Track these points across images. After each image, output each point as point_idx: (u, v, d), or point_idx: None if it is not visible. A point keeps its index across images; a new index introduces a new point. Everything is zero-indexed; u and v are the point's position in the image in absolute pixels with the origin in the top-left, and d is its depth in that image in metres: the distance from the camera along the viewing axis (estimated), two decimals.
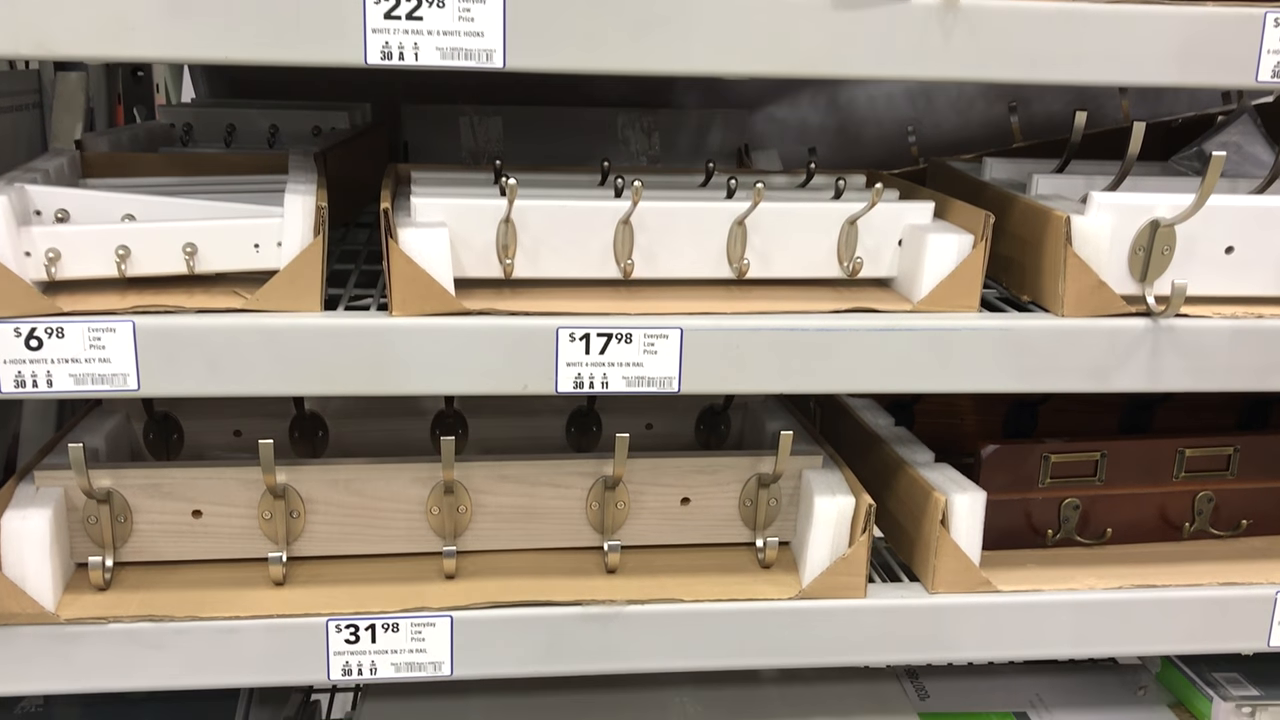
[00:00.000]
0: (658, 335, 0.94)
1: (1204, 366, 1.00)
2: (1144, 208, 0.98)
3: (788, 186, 1.20)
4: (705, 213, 1.00)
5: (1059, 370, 0.99)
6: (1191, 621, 1.06)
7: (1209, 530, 1.16)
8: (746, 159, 1.68)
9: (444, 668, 0.99)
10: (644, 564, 1.08)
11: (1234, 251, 1.01)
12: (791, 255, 1.03)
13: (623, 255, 0.99)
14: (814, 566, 1.02)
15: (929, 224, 1.03)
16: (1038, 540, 1.13)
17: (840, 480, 1.06)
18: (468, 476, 1.05)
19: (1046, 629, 1.05)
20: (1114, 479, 1.13)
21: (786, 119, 1.84)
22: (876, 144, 1.84)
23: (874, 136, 1.85)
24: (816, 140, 1.84)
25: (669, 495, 1.09)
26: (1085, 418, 1.35)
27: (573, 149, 1.68)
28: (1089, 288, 0.98)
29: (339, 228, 1.28)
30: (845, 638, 1.02)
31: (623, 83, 1.75)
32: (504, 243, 0.98)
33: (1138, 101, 1.83)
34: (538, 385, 0.94)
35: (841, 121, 1.85)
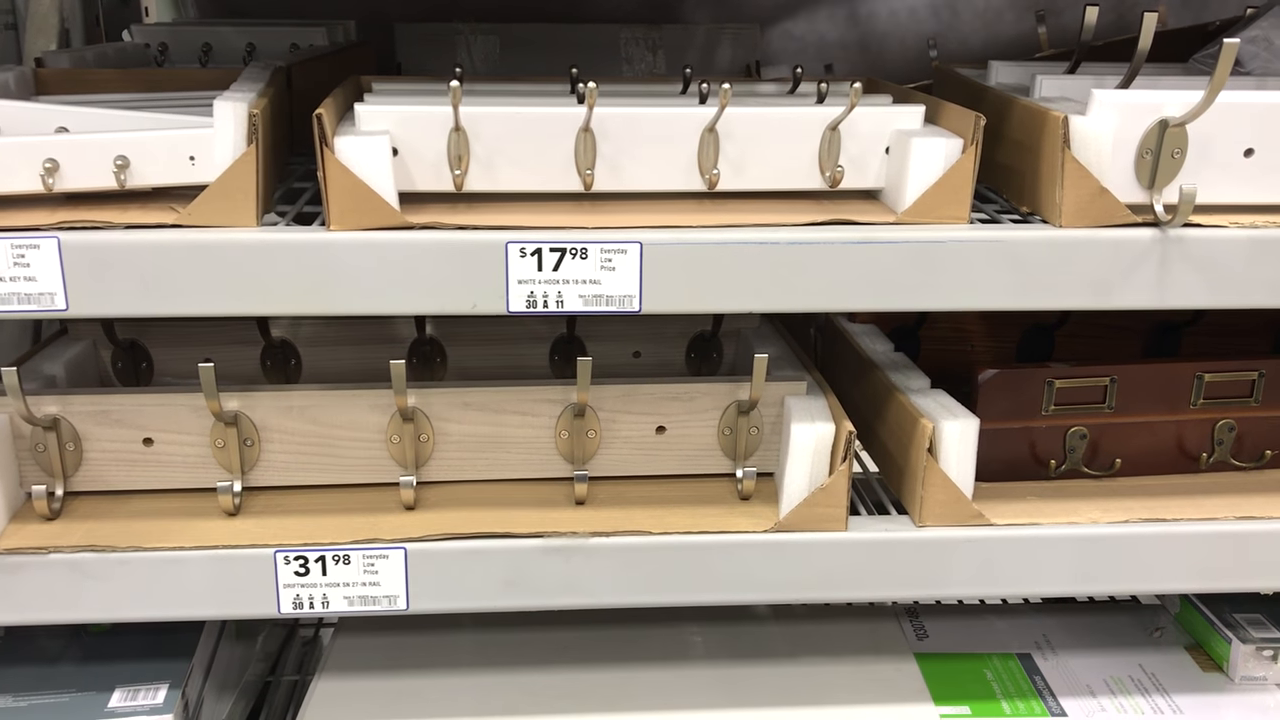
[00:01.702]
0: (615, 250, 0.88)
1: (1218, 281, 0.91)
2: (1151, 106, 0.89)
3: (775, 94, 1.12)
4: (673, 119, 0.93)
5: (1057, 286, 0.91)
6: (1204, 558, 0.99)
7: (1229, 461, 1.07)
8: (756, 76, 1.59)
9: (399, 602, 0.95)
10: (616, 495, 1.02)
11: (1254, 155, 0.91)
12: (768, 165, 0.95)
13: (584, 166, 0.93)
14: (791, 498, 0.96)
15: (917, 129, 0.95)
16: (1041, 471, 1.06)
17: (823, 407, 0.99)
18: (429, 404, 1.00)
19: (1044, 565, 0.98)
20: (1125, 406, 1.05)
21: (804, 35, 1.75)
22: (899, 60, 1.74)
23: (896, 52, 1.75)
24: (836, 57, 1.75)
25: (643, 424, 1.03)
26: (1106, 343, 1.26)
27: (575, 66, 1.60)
28: (1089, 195, 0.90)
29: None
30: (824, 573, 0.96)
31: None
32: (456, 153, 0.92)
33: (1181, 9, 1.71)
34: (487, 304, 0.88)
35: (862, 36, 1.76)
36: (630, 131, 0.93)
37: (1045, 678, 1.10)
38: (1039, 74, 1.03)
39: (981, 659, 1.13)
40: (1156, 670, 1.12)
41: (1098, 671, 1.11)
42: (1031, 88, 1.04)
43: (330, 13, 1.56)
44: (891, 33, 1.75)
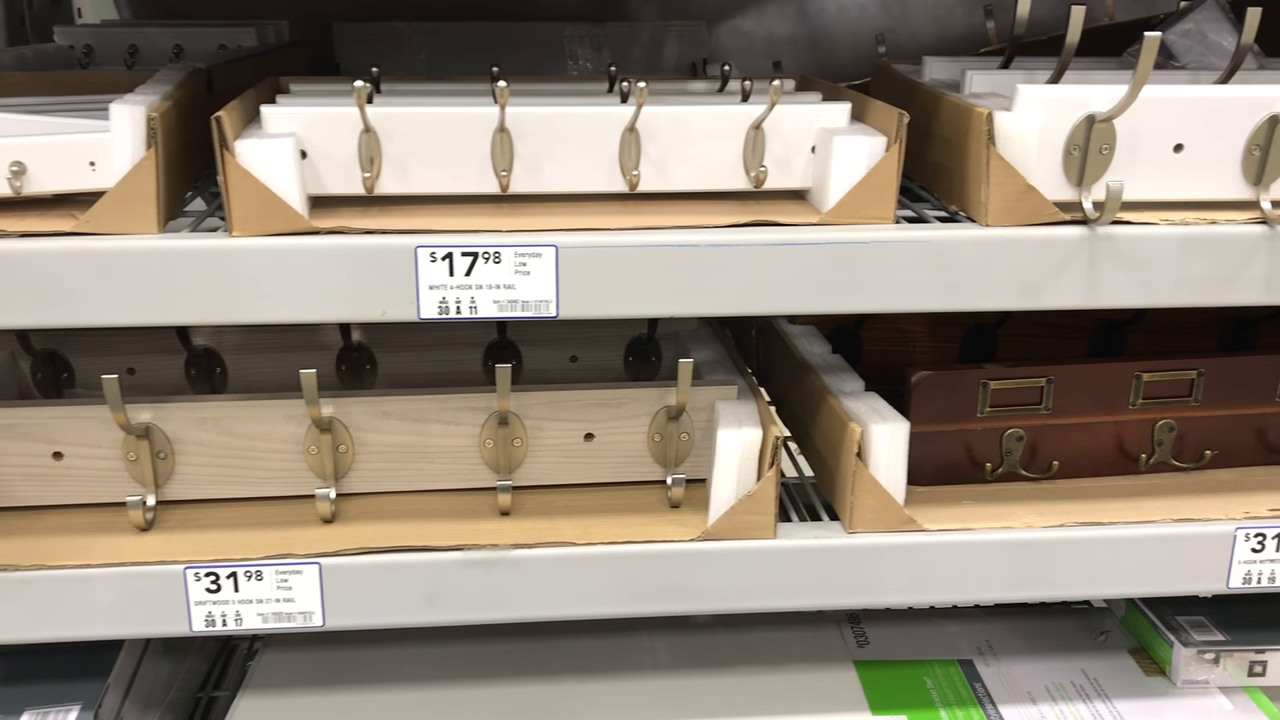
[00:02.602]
0: (530, 254, 0.85)
1: (1148, 279, 0.89)
2: (1078, 101, 0.87)
3: (706, 92, 1.10)
4: (591, 119, 0.90)
5: (984, 286, 0.89)
6: (1141, 562, 0.97)
7: (1170, 462, 1.06)
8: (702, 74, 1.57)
9: (314, 618, 0.92)
10: (543, 505, 1.00)
11: (1184, 150, 0.90)
12: (692, 165, 0.93)
13: (500, 167, 0.90)
14: (719, 505, 0.94)
15: (842, 127, 0.93)
16: (977, 474, 1.04)
17: (752, 412, 0.97)
18: (348, 414, 0.97)
19: (977, 572, 0.96)
20: (1062, 407, 1.03)
21: (753, 31, 1.73)
22: (849, 56, 1.72)
23: (846, 48, 1.73)
24: (785, 53, 1.73)
25: (571, 431, 1.00)
26: (1049, 342, 1.25)
27: (518, 66, 1.58)
28: (1015, 193, 0.88)
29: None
30: (751, 582, 0.94)
31: None
32: (367, 155, 0.89)
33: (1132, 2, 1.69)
34: (398, 311, 0.85)
35: (811, 33, 1.73)
36: (548, 132, 0.90)
37: (986, 684, 1.08)
38: (969, 69, 1.01)
39: (922, 666, 1.11)
40: (1099, 675, 1.10)
41: (1040, 677, 1.09)
42: (961, 83, 1.02)
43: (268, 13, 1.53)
44: (841, 29, 1.73)
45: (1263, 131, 0.89)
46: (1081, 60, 1.14)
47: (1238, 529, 0.97)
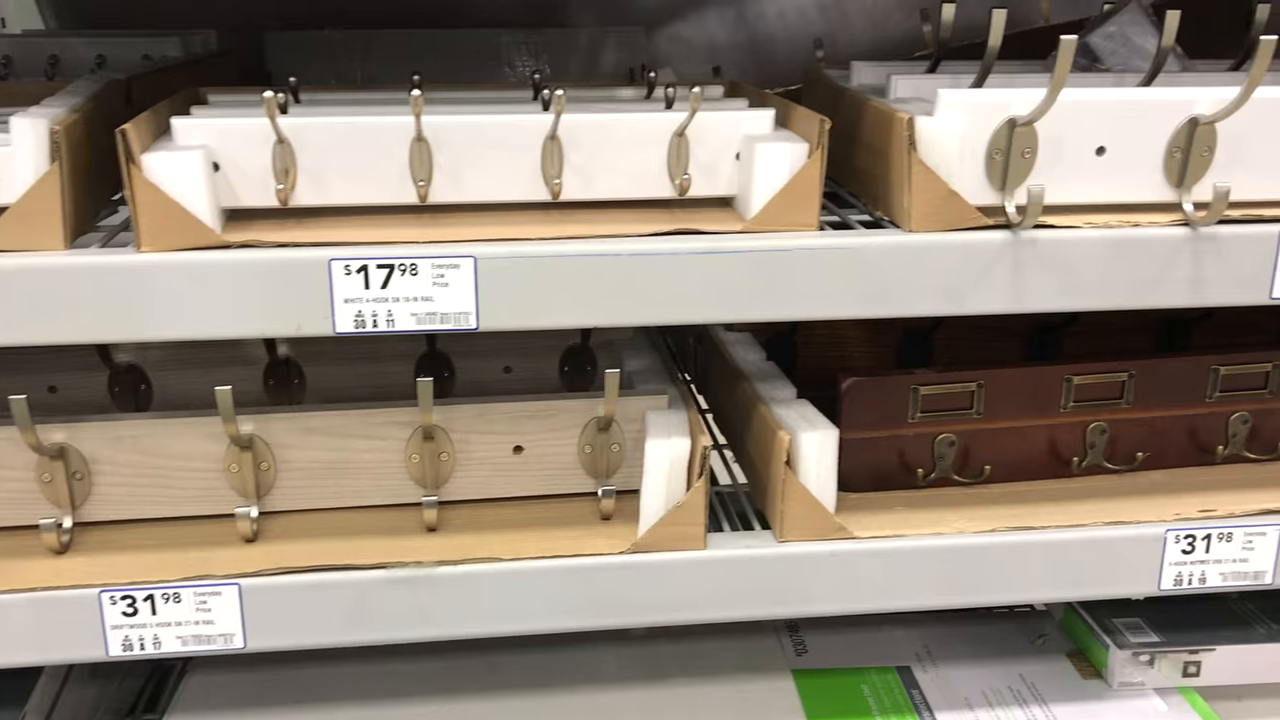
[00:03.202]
0: (448, 265, 0.84)
1: (1072, 283, 0.89)
2: (999, 105, 0.87)
3: (632, 99, 1.09)
4: (512, 127, 0.89)
5: (909, 292, 0.88)
6: (1072, 566, 0.97)
7: (1102, 464, 1.06)
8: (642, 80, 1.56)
9: (235, 640, 0.90)
10: (472, 520, 0.98)
11: (1106, 153, 0.89)
12: (616, 173, 0.92)
13: (419, 177, 0.89)
14: (649, 517, 0.93)
15: (765, 134, 0.92)
16: (910, 480, 1.03)
17: (682, 421, 0.96)
18: (269, 431, 0.95)
19: (908, 579, 0.95)
20: (994, 412, 1.03)
21: (692, 37, 1.72)
22: (789, 61, 1.72)
23: (786, 53, 1.73)
24: (725, 59, 1.72)
25: (499, 444, 0.99)
26: (986, 346, 1.24)
27: (454, 74, 1.56)
28: (938, 198, 0.87)
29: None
30: (681, 593, 0.93)
31: (511, 3, 1.63)
32: (282, 166, 0.87)
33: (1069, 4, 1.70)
34: (313, 325, 0.83)
35: (751, 38, 1.73)
36: (468, 140, 0.89)
37: (923, 691, 1.08)
38: (894, 74, 1.01)
39: (860, 674, 1.10)
40: (1037, 679, 1.10)
41: (977, 683, 1.09)
42: (887, 88, 1.01)
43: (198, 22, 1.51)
44: (781, 34, 1.72)
45: (1183, 133, 0.89)
46: (1013, 63, 1.14)
47: (1168, 531, 0.97)
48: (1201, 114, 0.88)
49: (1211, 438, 1.07)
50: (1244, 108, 0.87)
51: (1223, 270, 0.90)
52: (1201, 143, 0.89)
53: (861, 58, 1.69)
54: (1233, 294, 0.91)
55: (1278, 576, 0.99)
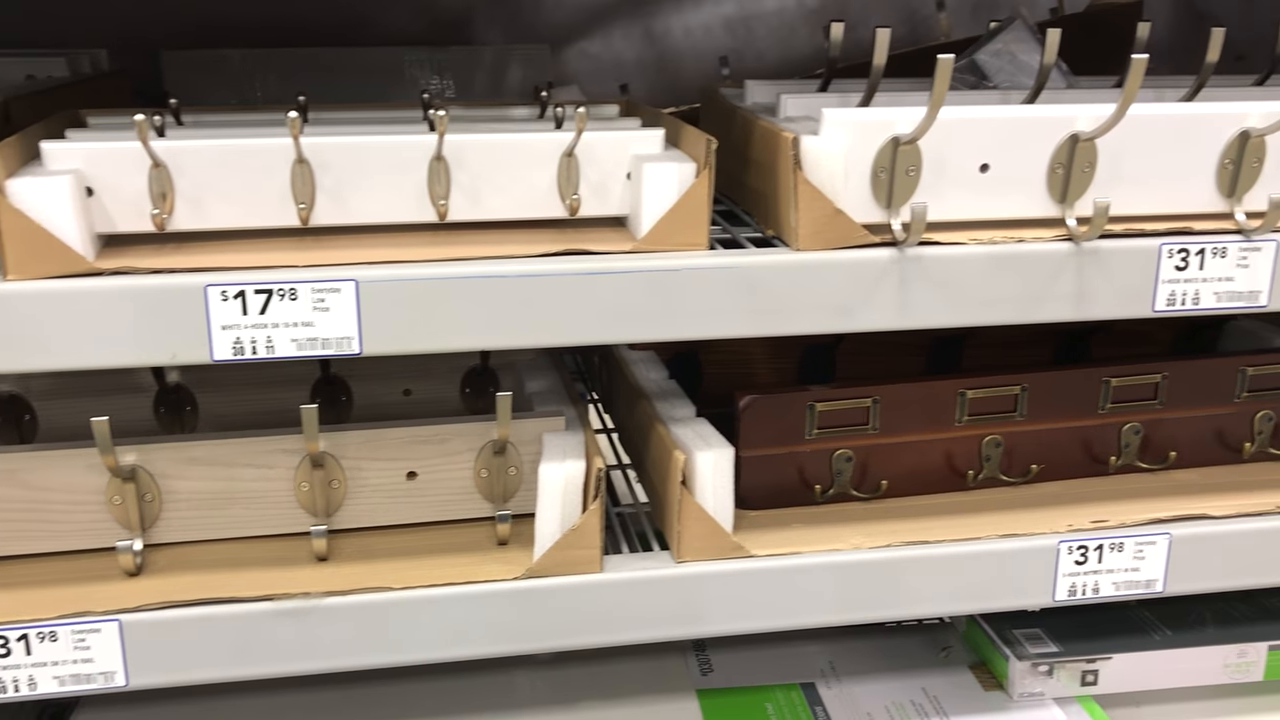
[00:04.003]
0: (328, 290, 0.82)
1: (958, 298, 0.90)
2: (883, 124, 0.87)
3: (525, 119, 1.08)
4: (396, 148, 0.88)
5: (798, 310, 0.88)
6: (968, 579, 0.97)
7: (998, 477, 1.07)
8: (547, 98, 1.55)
9: (117, 678, 0.87)
10: (364, 548, 0.96)
11: (990, 169, 0.90)
12: (504, 194, 0.91)
13: (300, 199, 0.87)
14: (544, 541, 0.92)
15: (655, 153, 0.92)
16: (808, 496, 1.03)
17: (578, 443, 0.95)
18: (152, 461, 0.92)
19: (806, 596, 0.95)
20: (890, 427, 1.03)
21: (600, 54, 1.72)
22: (696, 78, 1.72)
23: (693, 70, 1.73)
24: (633, 76, 1.72)
25: (392, 470, 0.97)
26: (889, 360, 1.25)
27: (356, 93, 1.55)
28: (824, 217, 0.87)
29: None
30: (578, 618, 0.92)
31: (414, 19, 1.61)
32: (159, 191, 0.85)
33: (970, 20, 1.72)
34: (189, 353, 0.81)
35: (659, 55, 1.73)
36: (351, 162, 0.88)
37: (826, 708, 1.08)
38: (784, 93, 1.01)
39: (764, 692, 1.10)
40: (939, 692, 1.10)
41: (880, 697, 1.09)
42: (777, 107, 1.02)
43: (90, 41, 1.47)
44: (688, 51, 1.73)
45: (1064, 150, 0.90)
46: (912, 81, 1.15)
47: (1061, 542, 0.98)
48: (1082, 130, 0.90)
49: (1105, 449, 1.08)
50: (1123, 124, 0.88)
51: (1106, 284, 0.91)
52: (1083, 159, 0.90)
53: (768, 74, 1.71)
54: (1116, 307, 0.92)
55: (1169, 584, 1.01)
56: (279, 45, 1.54)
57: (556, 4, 1.66)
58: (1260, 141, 0.93)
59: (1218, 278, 0.93)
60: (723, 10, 1.71)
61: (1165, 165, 0.92)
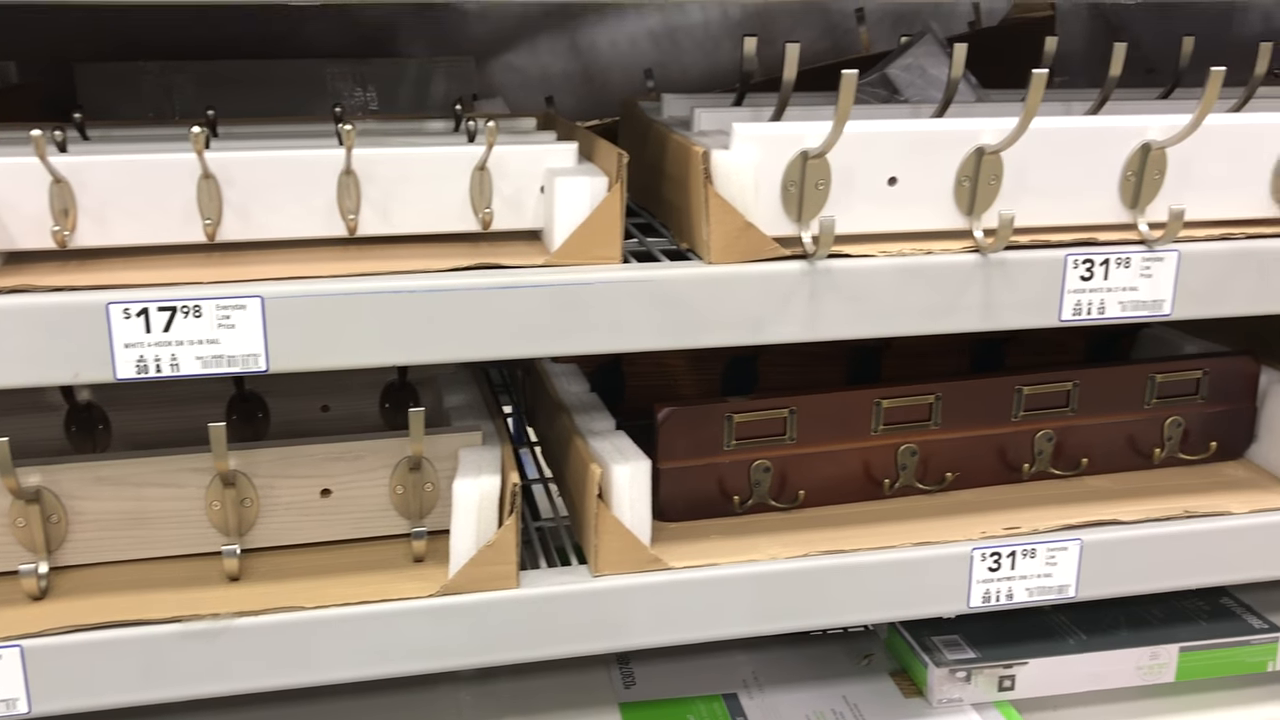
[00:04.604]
0: (234, 306, 0.81)
1: (868, 310, 0.91)
2: (792, 138, 0.88)
3: (441, 132, 1.08)
4: (304, 162, 0.87)
5: (709, 323, 0.89)
6: (883, 587, 0.98)
7: (914, 485, 1.08)
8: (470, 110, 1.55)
9: (19, 705, 0.85)
10: (278, 567, 0.95)
11: (898, 183, 0.92)
12: (416, 208, 0.91)
13: (206, 215, 0.86)
14: (459, 557, 0.91)
15: (568, 167, 0.92)
16: (728, 507, 1.04)
17: (494, 459, 0.95)
18: (58, 482, 0.91)
19: (723, 607, 0.95)
20: (807, 437, 1.04)
21: (526, 67, 1.72)
22: (623, 90, 1.73)
23: (620, 82, 1.73)
24: (559, 88, 1.72)
25: (306, 488, 0.96)
26: (809, 370, 1.26)
27: (278, 106, 1.53)
28: (735, 230, 0.88)
29: None
30: (494, 634, 0.91)
31: (337, 33, 1.60)
32: (60, 207, 0.84)
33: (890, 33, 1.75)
34: (92, 372, 0.80)
35: (585, 67, 1.73)
36: (259, 177, 0.87)
37: (748, 718, 1.08)
38: (698, 107, 1.02)
39: (686, 703, 1.10)
40: (860, 700, 1.11)
41: (802, 706, 1.10)
42: (691, 121, 1.02)
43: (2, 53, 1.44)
44: (614, 63, 1.73)
45: (970, 163, 0.92)
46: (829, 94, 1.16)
47: (974, 549, 0.99)
48: (987, 144, 0.91)
49: (1018, 456, 1.10)
50: (1027, 137, 0.90)
51: (1012, 295, 0.93)
52: (988, 171, 0.92)
53: (693, 87, 1.72)
54: (1023, 317, 0.94)
55: (1080, 589, 1.02)
56: (197, 58, 1.52)
57: (481, 16, 1.66)
58: (1161, 154, 0.95)
59: (1122, 287, 0.95)
60: (648, 23, 1.72)
61: (1070, 177, 0.94)
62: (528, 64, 1.71)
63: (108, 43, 1.50)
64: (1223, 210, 0.99)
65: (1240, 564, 1.05)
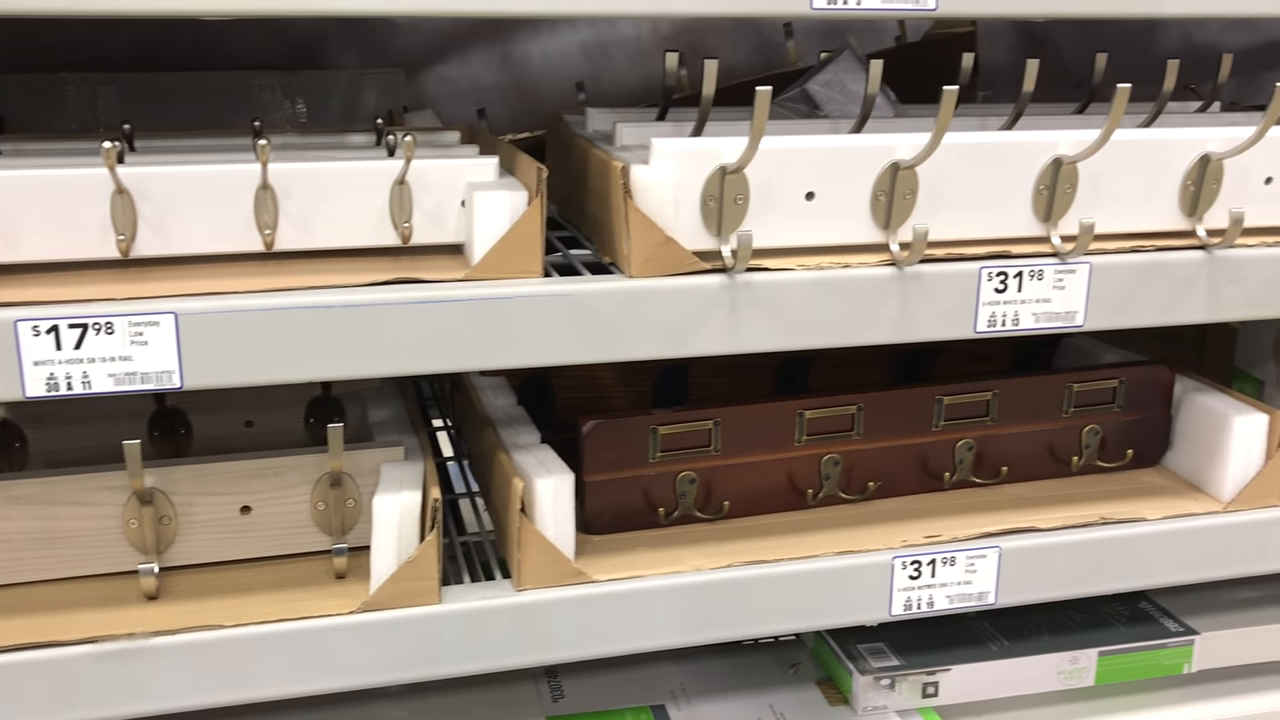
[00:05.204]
0: (146, 323, 0.80)
1: (787, 323, 0.92)
2: (710, 153, 0.89)
3: (363, 145, 1.07)
4: (220, 177, 0.87)
5: (630, 337, 0.89)
6: (806, 596, 0.99)
7: (837, 495, 1.09)
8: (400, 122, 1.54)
9: None
10: (197, 586, 0.94)
11: (816, 197, 0.93)
12: (335, 222, 0.90)
13: (121, 230, 0.85)
14: (380, 573, 0.91)
15: (489, 181, 0.92)
16: (654, 519, 1.04)
17: (415, 474, 0.95)
18: None
19: (647, 619, 0.96)
20: (731, 448, 1.05)
21: (458, 78, 1.71)
22: (555, 102, 1.73)
23: (552, 94, 1.74)
24: (491, 100, 1.72)
25: (225, 505, 0.95)
26: (737, 381, 1.27)
27: (204, 119, 1.51)
28: (655, 244, 0.89)
29: None
30: (417, 650, 0.91)
31: (265, 44, 1.59)
32: None
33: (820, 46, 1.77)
34: (1, 390, 0.79)
35: (517, 79, 1.73)
36: (174, 191, 0.86)
37: None
38: (620, 122, 1.03)
39: (614, 716, 1.10)
40: (786, 709, 1.12)
41: (729, 716, 1.11)
42: (614, 135, 1.03)
43: None
44: (546, 75, 1.73)
45: (886, 177, 0.93)
46: None
47: (895, 558, 1.00)
48: (902, 159, 0.93)
49: (939, 465, 1.12)
50: (942, 152, 0.91)
51: (928, 307, 0.94)
52: (904, 186, 0.93)
53: (625, 100, 1.73)
54: (939, 329, 0.95)
55: (1000, 596, 1.04)
56: (123, 70, 1.50)
57: (413, 28, 1.65)
58: (1073, 168, 0.97)
59: (1036, 299, 0.97)
60: (580, 36, 1.72)
61: (984, 191, 0.96)
62: (460, 76, 1.71)
63: (32, 54, 1.48)
64: (1134, 223, 1.01)
65: (1155, 569, 1.08)
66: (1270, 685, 1.22)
